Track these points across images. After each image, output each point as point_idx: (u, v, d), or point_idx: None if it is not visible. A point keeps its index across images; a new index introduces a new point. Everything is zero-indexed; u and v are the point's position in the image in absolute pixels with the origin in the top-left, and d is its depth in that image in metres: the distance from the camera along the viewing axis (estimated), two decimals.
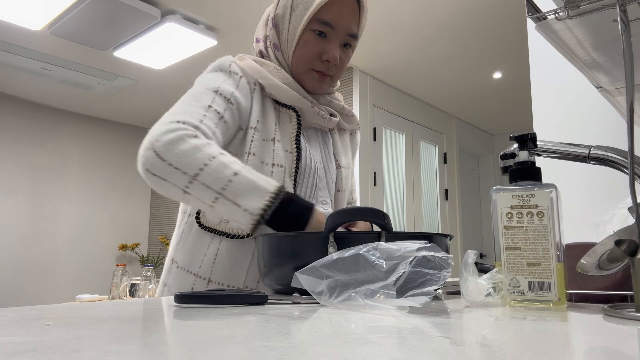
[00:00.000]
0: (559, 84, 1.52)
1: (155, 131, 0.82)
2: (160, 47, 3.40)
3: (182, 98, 0.92)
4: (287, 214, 0.78)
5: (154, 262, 5.15)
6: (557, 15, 0.71)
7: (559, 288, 0.56)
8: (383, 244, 0.57)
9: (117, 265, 2.94)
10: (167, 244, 5.12)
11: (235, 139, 0.95)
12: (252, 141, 0.94)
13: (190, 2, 2.96)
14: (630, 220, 0.68)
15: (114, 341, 0.34)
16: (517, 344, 0.36)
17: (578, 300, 0.88)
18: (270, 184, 0.80)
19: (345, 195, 1.09)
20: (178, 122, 0.82)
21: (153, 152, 0.80)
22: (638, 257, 0.52)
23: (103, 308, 0.55)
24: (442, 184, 4.82)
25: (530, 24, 1.53)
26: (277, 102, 0.99)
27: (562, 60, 1.37)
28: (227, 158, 0.81)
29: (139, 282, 2.77)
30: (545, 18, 0.74)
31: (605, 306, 0.54)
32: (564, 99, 1.50)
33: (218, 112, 0.89)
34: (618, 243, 0.54)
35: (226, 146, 0.94)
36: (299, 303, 0.61)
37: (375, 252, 0.56)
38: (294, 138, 0.96)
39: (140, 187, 5.57)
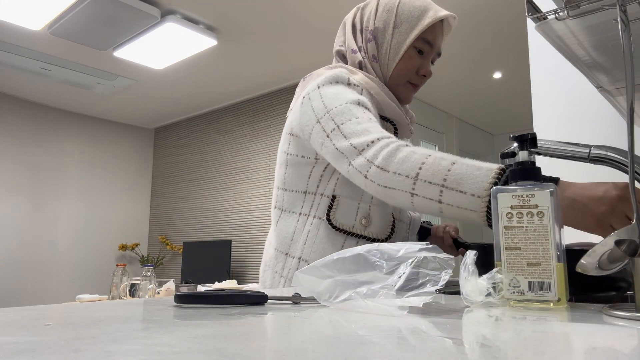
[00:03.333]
0: (559, 84, 1.52)
1: (366, 153, 0.84)
2: (160, 47, 3.40)
3: (334, 117, 0.92)
4: None
5: (154, 262, 5.15)
6: (557, 15, 0.71)
7: (559, 288, 0.56)
8: (384, 245, 0.57)
9: (117, 265, 2.94)
10: (167, 244, 5.12)
11: None
12: None
13: (190, 2, 2.96)
14: None
15: (114, 341, 0.34)
16: (517, 344, 0.36)
17: (578, 300, 0.88)
18: (493, 164, 0.74)
19: None
20: (379, 139, 0.85)
21: (376, 167, 0.82)
22: (638, 257, 0.52)
23: (103, 308, 0.55)
24: None
25: (530, 24, 1.52)
26: (379, 115, 1.03)
27: (562, 60, 1.37)
28: (442, 153, 0.80)
29: (139, 282, 2.77)
30: (545, 18, 0.74)
31: (605, 306, 0.54)
32: (564, 99, 1.50)
33: (376, 121, 0.92)
34: (618, 243, 0.54)
35: None
36: (298, 303, 0.61)
37: (376, 252, 0.56)
38: None
39: (140, 187, 5.57)
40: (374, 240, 0.98)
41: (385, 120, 1.04)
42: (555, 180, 0.72)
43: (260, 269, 1.10)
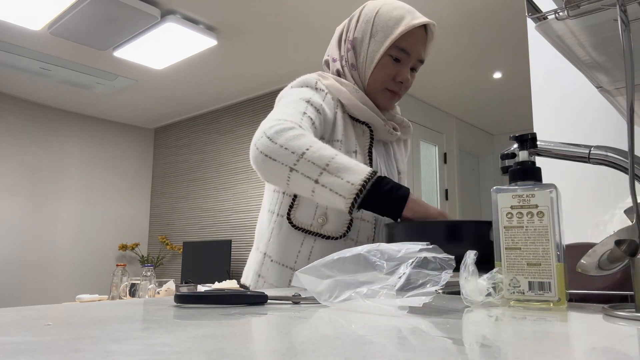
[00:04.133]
0: (559, 84, 1.52)
1: (264, 126, 0.92)
2: (160, 47, 3.40)
3: (278, 106, 1.02)
4: (384, 190, 0.85)
5: (154, 262, 5.15)
6: (557, 15, 0.71)
7: (559, 288, 0.56)
8: (385, 245, 0.57)
9: (117, 265, 2.94)
10: (167, 244, 5.12)
11: None
12: (339, 150, 1.03)
13: (190, 2, 2.96)
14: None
15: (114, 341, 0.34)
16: (517, 344, 0.36)
17: (578, 300, 0.88)
18: (366, 166, 0.87)
19: None
20: (284, 119, 0.93)
21: (266, 138, 0.90)
22: (638, 257, 0.52)
23: (103, 308, 0.55)
24: (442, 184, 4.82)
25: (530, 24, 1.52)
26: (353, 118, 1.09)
27: (562, 60, 1.37)
28: (327, 145, 0.90)
29: (139, 282, 2.77)
30: (545, 18, 0.74)
31: (605, 306, 0.54)
32: (564, 99, 1.50)
33: (311, 119, 0.98)
34: (618, 243, 0.54)
35: None
36: (298, 303, 0.61)
37: (376, 252, 0.56)
38: (367, 151, 1.08)
39: (140, 187, 5.56)
40: (329, 239, 1.03)
41: (361, 123, 1.09)
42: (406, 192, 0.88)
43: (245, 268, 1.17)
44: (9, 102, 4.60)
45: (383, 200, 0.85)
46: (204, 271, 4.39)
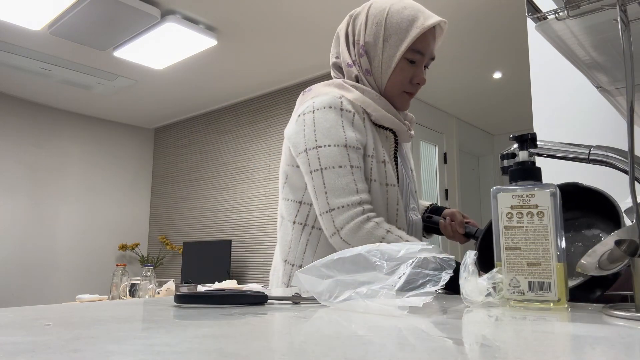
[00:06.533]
0: (559, 84, 1.52)
1: (336, 218, 0.95)
2: (160, 47, 3.40)
3: (320, 157, 0.97)
4: None
5: (153, 262, 5.14)
6: (557, 15, 0.71)
7: (559, 288, 0.56)
8: (384, 245, 0.57)
9: (117, 265, 2.94)
10: (167, 244, 5.12)
11: None
12: (371, 168, 1.01)
13: (190, 2, 2.96)
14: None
15: (114, 341, 0.34)
16: (517, 344, 0.36)
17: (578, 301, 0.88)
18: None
19: (418, 195, 1.23)
20: (348, 205, 0.94)
21: (340, 239, 0.94)
22: (638, 257, 0.52)
23: (103, 308, 0.55)
24: (442, 184, 4.81)
25: (530, 24, 1.52)
26: (376, 124, 1.07)
27: (562, 60, 1.37)
28: (390, 237, 0.93)
29: (139, 282, 2.77)
30: (545, 18, 0.74)
31: (605, 306, 0.54)
32: (564, 99, 1.50)
33: (358, 167, 0.98)
34: (618, 243, 0.54)
35: None
36: (298, 303, 0.61)
37: (376, 252, 0.56)
38: (393, 157, 1.07)
39: (140, 187, 5.56)
40: None
41: (384, 129, 1.07)
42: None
43: (270, 271, 1.15)
44: (9, 102, 4.60)
45: None
46: (204, 271, 4.39)
